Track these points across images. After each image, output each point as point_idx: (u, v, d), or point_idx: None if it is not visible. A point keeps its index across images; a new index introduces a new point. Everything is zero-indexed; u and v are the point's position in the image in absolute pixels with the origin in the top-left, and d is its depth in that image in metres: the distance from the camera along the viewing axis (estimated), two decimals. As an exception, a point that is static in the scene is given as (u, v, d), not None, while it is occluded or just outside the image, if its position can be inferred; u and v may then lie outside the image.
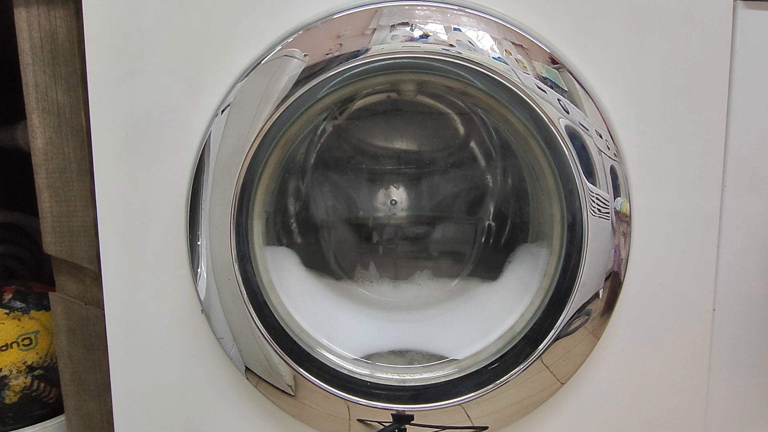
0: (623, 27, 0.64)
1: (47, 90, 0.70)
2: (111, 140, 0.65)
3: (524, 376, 0.67)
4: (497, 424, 0.69)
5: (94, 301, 0.75)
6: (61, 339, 0.76)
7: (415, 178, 0.85)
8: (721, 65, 0.66)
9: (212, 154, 0.64)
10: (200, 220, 0.65)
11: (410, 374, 0.70)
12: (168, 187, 0.66)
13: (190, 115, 0.65)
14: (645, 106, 0.66)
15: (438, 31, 0.62)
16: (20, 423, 0.85)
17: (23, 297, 0.87)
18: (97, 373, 0.76)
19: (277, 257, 0.74)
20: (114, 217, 0.67)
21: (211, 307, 0.66)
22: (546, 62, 0.63)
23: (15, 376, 0.83)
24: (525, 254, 0.75)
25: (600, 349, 0.69)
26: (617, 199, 0.65)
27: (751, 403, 0.73)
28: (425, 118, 0.83)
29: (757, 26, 0.66)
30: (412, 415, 0.67)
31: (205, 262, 0.65)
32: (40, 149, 0.71)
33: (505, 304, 0.72)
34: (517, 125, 0.65)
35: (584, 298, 0.66)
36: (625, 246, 0.66)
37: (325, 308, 0.76)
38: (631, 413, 0.71)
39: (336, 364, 0.69)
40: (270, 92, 0.62)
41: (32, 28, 0.68)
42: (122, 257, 0.67)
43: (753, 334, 0.72)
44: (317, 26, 0.63)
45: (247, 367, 0.67)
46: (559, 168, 0.64)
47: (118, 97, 0.65)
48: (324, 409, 0.68)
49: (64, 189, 0.71)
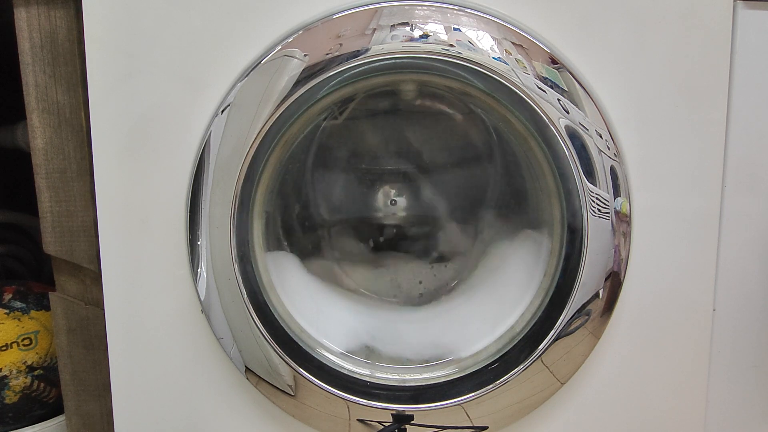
0: (623, 27, 0.64)
1: (47, 90, 0.70)
2: (111, 140, 0.65)
3: (524, 376, 0.67)
4: (497, 424, 0.69)
5: (94, 301, 0.75)
6: (61, 339, 0.76)
7: (415, 177, 0.85)
8: (721, 65, 0.66)
9: (212, 154, 0.64)
10: (200, 220, 0.65)
11: (410, 374, 0.70)
12: (168, 187, 0.66)
13: (190, 115, 0.65)
14: (645, 106, 0.66)
15: (438, 31, 0.62)
16: (20, 423, 0.85)
17: (23, 297, 0.87)
18: (97, 373, 0.76)
19: (277, 257, 0.74)
20: (114, 217, 0.67)
21: (211, 307, 0.66)
22: (546, 62, 0.63)
23: (15, 376, 0.83)
24: (525, 252, 0.75)
25: (600, 349, 0.69)
26: (617, 199, 0.65)
27: (751, 404, 0.73)
28: (425, 118, 0.83)
29: (757, 26, 0.66)
30: (412, 415, 0.67)
31: (205, 262, 0.65)
32: (40, 149, 0.71)
33: (505, 304, 0.72)
34: (517, 125, 0.65)
35: (584, 298, 0.66)
36: (625, 246, 0.66)
37: (325, 308, 0.76)
38: (631, 413, 0.71)
39: (336, 364, 0.69)
40: (270, 92, 0.62)
41: (32, 28, 0.68)
42: (122, 257, 0.67)
43: (753, 334, 0.72)
44: (317, 26, 0.63)
45: (247, 367, 0.67)
46: (559, 168, 0.64)
47: (118, 97, 0.65)
48: (324, 409, 0.68)
49: (64, 189, 0.71)
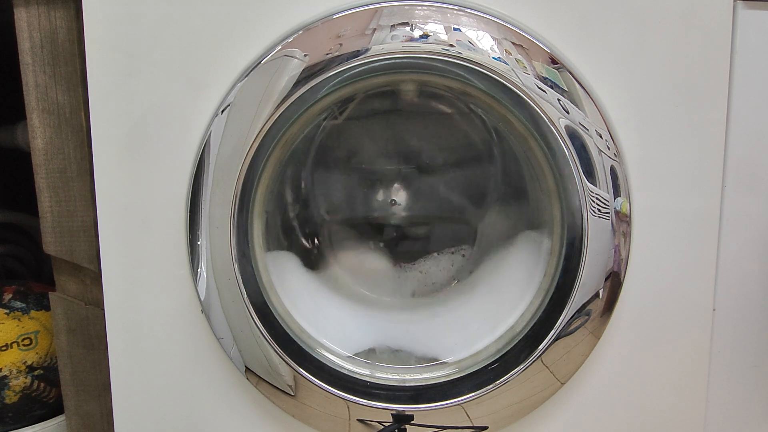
0: (623, 27, 0.64)
1: (47, 90, 0.70)
2: (111, 140, 0.65)
3: (524, 376, 0.67)
4: (497, 424, 0.69)
5: (94, 301, 0.75)
6: (61, 339, 0.76)
7: (415, 177, 0.85)
8: (721, 65, 0.66)
9: (212, 154, 0.64)
10: (200, 220, 0.65)
11: (410, 374, 0.70)
12: (168, 187, 0.66)
13: (190, 115, 0.65)
14: (645, 106, 0.66)
15: (438, 31, 0.62)
16: (20, 423, 0.85)
17: (23, 297, 0.87)
18: (97, 373, 0.76)
19: (277, 257, 0.74)
20: (114, 217, 0.67)
21: (211, 307, 0.66)
22: (546, 62, 0.63)
23: (15, 376, 0.83)
24: (525, 248, 0.75)
25: (600, 349, 0.69)
26: (617, 199, 0.65)
27: (751, 404, 0.73)
28: (425, 118, 0.83)
29: (757, 26, 0.66)
30: (412, 415, 0.67)
31: (205, 262, 0.65)
32: (40, 149, 0.71)
33: (505, 304, 0.72)
34: (517, 125, 0.65)
35: (584, 298, 0.66)
36: (625, 246, 0.66)
37: (325, 308, 0.76)
38: (631, 413, 0.71)
39: (336, 364, 0.69)
40: (270, 92, 0.62)
41: (32, 28, 0.68)
42: (122, 257, 0.67)
43: (753, 334, 0.72)
44: (317, 26, 0.63)
45: (247, 367, 0.67)
46: (559, 168, 0.64)
47: (118, 97, 0.65)
48: (324, 409, 0.68)
49: (64, 189, 0.71)
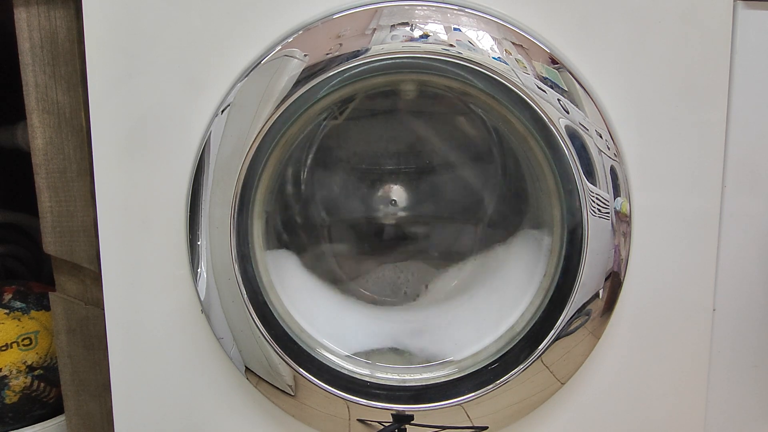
0: (623, 27, 0.64)
1: (47, 90, 0.70)
2: (111, 140, 0.65)
3: (524, 376, 0.67)
4: (497, 424, 0.69)
5: (94, 301, 0.75)
6: (61, 339, 0.76)
7: (414, 177, 0.85)
8: (721, 65, 0.66)
9: (212, 154, 0.64)
10: (200, 220, 0.65)
11: (410, 374, 0.70)
12: (168, 187, 0.66)
13: (190, 115, 0.65)
14: (645, 106, 0.66)
15: (438, 31, 0.62)
16: (20, 423, 0.85)
17: (23, 297, 0.87)
18: (97, 373, 0.76)
19: (277, 257, 0.74)
20: (114, 217, 0.67)
21: (211, 307, 0.66)
22: (546, 62, 0.63)
23: (15, 376, 0.83)
24: (525, 252, 0.75)
25: (600, 349, 0.69)
26: (617, 199, 0.65)
27: (752, 404, 0.73)
28: (425, 118, 0.83)
29: (757, 26, 0.66)
30: (412, 415, 0.67)
31: (205, 262, 0.65)
32: (40, 149, 0.71)
33: (505, 304, 0.72)
34: (517, 125, 0.65)
35: (584, 298, 0.66)
36: (625, 246, 0.66)
37: (325, 308, 0.76)
38: (631, 413, 0.71)
39: (336, 364, 0.69)
40: (270, 92, 0.62)
41: (32, 28, 0.68)
42: (122, 257, 0.67)
43: (753, 334, 0.72)
44: (317, 26, 0.63)
45: (247, 367, 0.67)
46: (559, 168, 0.64)
47: (118, 97, 0.65)
48: (324, 409, 0.68)
49: (64, 189, 0.71)
